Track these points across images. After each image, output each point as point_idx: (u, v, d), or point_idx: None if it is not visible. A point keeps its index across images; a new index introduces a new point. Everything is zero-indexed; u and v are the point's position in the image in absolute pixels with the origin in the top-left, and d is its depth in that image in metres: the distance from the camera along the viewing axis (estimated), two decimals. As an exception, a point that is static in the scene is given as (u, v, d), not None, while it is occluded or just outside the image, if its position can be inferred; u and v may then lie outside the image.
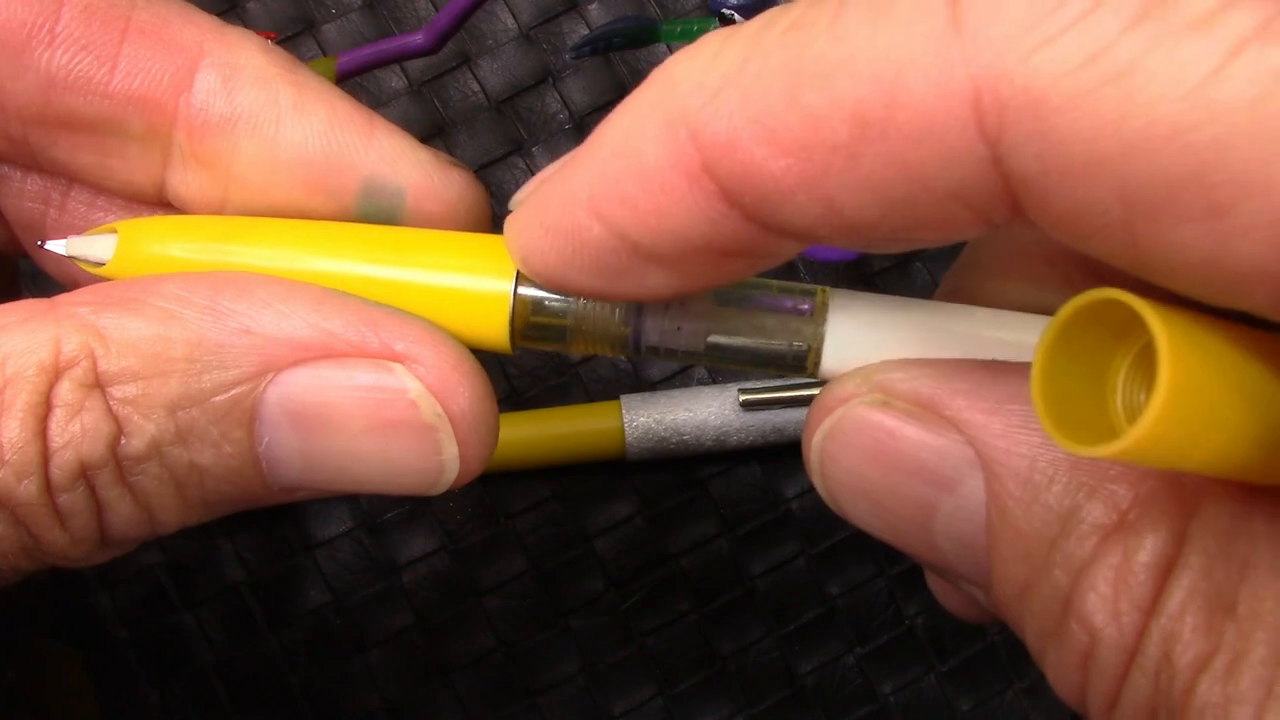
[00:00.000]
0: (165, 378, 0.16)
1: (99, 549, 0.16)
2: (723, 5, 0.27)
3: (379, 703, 0.30)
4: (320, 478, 0.17)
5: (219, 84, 0.18)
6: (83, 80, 0.17)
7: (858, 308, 0.17)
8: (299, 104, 0.18)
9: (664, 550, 0.31)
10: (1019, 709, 0.31)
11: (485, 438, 0.17)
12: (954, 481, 0.16)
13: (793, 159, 0.13)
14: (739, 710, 0.30)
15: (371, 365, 0.16)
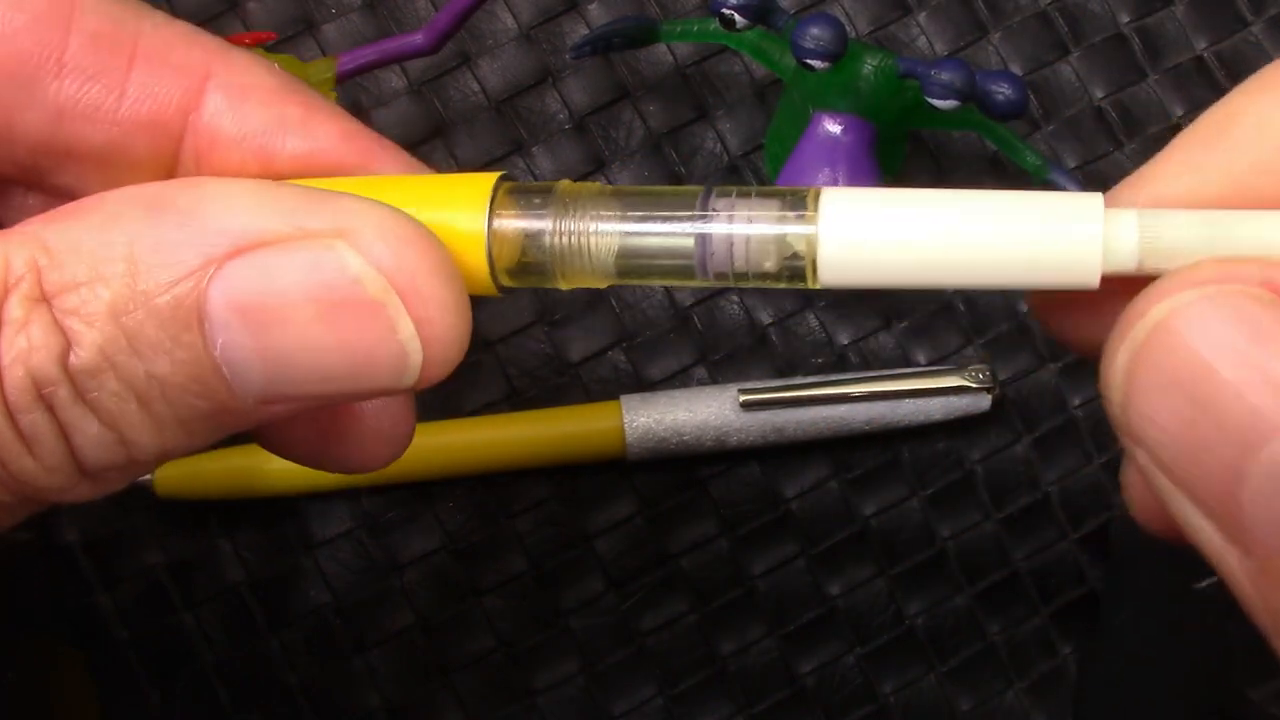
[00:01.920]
0: (105, 282, 0.15)
1: (78, 479, 0.16)
2: (723, 5, 0.27)
3: (379, 703, 0.30)
4: (285, 380, 0.16)
5: (226, 104, 0.18)
6: (91, 109, 0.17)
7: (855, 207, 0.16)
8: (308, 121, 0.18)
9: (664, 550, 0.31)
10: (1019, 709, 0.31)
11: (447, 312, 0.16)
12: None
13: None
14: (739, 710, 0.30)
15: (310, 245, 0.15)
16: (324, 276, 0.15)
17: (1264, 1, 0.34)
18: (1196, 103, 0.33)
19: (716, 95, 0.33)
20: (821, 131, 0.27)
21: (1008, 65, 0.33)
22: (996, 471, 0.32)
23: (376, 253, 0.15)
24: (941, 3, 0.33)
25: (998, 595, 0.31)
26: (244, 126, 0.18)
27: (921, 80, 0.26)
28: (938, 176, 0.33)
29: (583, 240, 0.16)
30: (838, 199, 0.16)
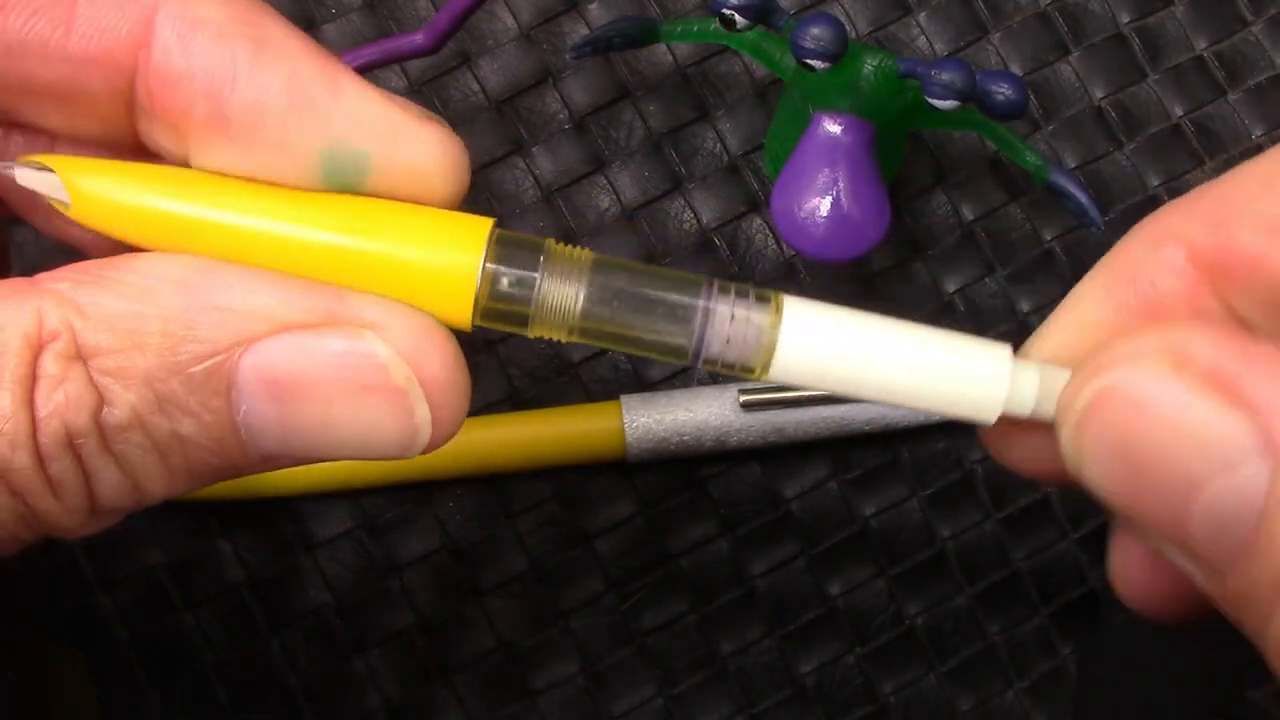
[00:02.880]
0: (142, 350, 0.16)
1: (90, 519, 0.17)
2: (723, 5, 0.27)
3: (379, 703, 0.30)
4: (298, 444, 0.17)
5: (175, 40, 0.17)
6: (39, 44, 0.17)
7: (811, 317, 0.18)
8: (257, 62, 0.17)
9: (664, 550, 0.31)
10: (1019, 709, 0.31)
11: (457, 400, 0.17)
12: (1233, 464, 0.15)
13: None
14: (739, 710, 0.30)
15: (342, 332, 0.17)
16: (354, 361, 0.17)
17: (1264, 1, 0.34)
18: (1196, 102, 0.33)
19: (716, 95, 0.33)
20: (821, 131, 0.27)
21: (1008, 65, 0.33)
22: (996, 471, 0.32)
23: (404, 344, 0.17)
24: (941, 3, 0.33)
25: (998, 595, 0.31)
26: (192, 64, 0.17)
27: (921, 80, 0.26)
28: (938, 176, 0.33)
29: (560, 302, 0.18)
30: (799, 310, 0.18)
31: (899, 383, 0.18)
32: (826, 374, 0.18)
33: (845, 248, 0.28)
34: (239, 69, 0.17)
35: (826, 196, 0.27)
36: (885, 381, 0.18)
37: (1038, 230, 0.33)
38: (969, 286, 0.32)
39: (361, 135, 0.17)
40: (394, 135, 0.18)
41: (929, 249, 0.32)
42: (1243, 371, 0.15)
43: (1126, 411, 0.16)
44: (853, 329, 0.18)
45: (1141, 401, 0.16)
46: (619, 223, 0.32)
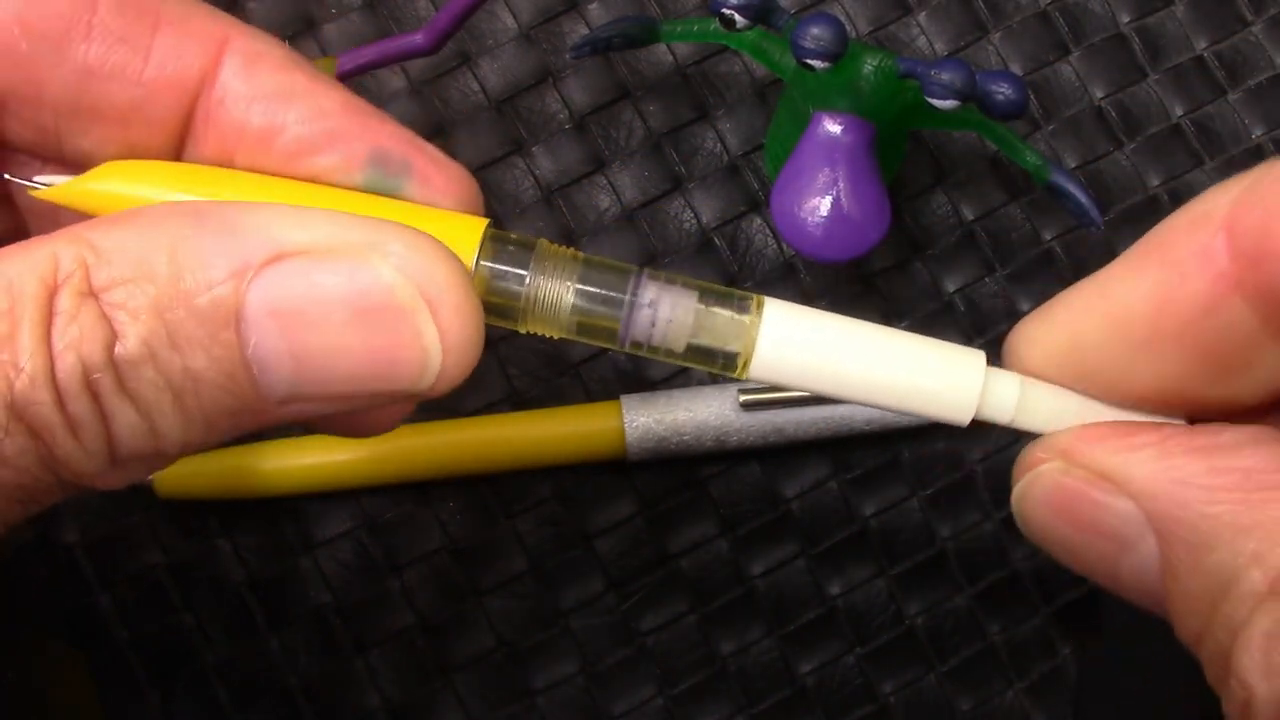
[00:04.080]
0: (150, 280, 0.16)
1: (111, 465, 0.17)
2: (723, 5, 0.27)
3: (379, 703, 0.30)
4: (311, 379, 0.17)
5: (240, 69, 0.19)
6: (118, 70, 0.18)
7: (791, 319, 0.19)
8: (313, 88, 0.19)
9: (664, 550, 0.31)
10: (1019, 709, 0.31)
11: (466, 323, 0.17)
12: (1133, 540, 0.17)
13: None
14: (739, 710, 0.30)
15: (347, 256, 0.17)
16: (358, 284, 0.17)
17: (1264, 1, 0.34)
18: (1196, 102, 0.33)
19: (716, 95, 0.33)
20: (821, 131, 0.27)
21: (1008, 65, 0.33)
22: (996, 471, 0.32)
23: (408, 265, 0.17)
24: (941, 3, 0.33)
25: (998, 595, 0.31)
26: (254, 90, 0.19)
27: (921, 80, 0.26)
28: (938, 176, 0.33)
29: (550, 299, 0.19)
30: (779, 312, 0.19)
31: (877, 384, 0.19)
32: (804, 374, 0.19)
33: (845, 248, 0.28)
34: (298, 91, 0.19)
35: (826, 196, 0.27)
36: (863, 383, 0.19)
37: (1038, 230, 0.33)
38: (969, 286, 0.32)
39: (406, 149, 0.19)
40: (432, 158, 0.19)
41: (929, 249, 0.32)
42: (1121, 463, 0.17)
43: (1042, 510, 0.19)
44: (831, 331, 0.19)
45: (1049, 500, 0.18)
46: (619, 223, 0.32)
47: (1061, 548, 0.19)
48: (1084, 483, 0.18)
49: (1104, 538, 0.18)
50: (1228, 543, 0.16)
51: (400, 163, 0.19)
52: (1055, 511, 0.18)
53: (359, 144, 0.19)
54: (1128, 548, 0.17)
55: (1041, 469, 0.19)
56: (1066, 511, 0.18)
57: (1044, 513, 0.19)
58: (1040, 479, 0.19)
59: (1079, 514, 0.18)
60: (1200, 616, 0.16)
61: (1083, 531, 0.18)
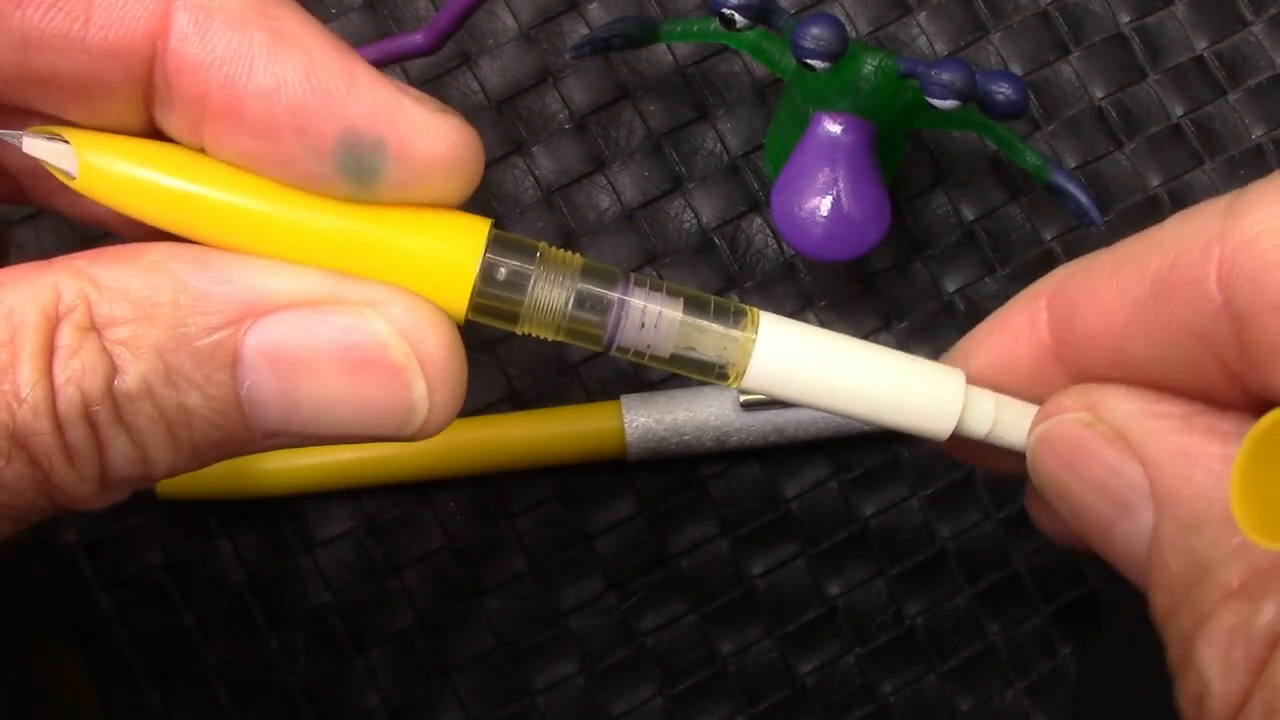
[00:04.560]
0: (153, 322, 0.17)
1: (100, 490, 0.18)
2: (723, 5, 0.27)
3: (379, 703, 0.30)
4: (300, 421, 0.18)
5: (192, 28, 0.17)
6: (58, 37, 0.17)
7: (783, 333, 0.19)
8: (273, 50, 0.17)
9: (664, 550, 0.31)
10: (1019, 709, 0.31)
11: (454, 382, 0.18)
12: (1132, 507, 0.18)
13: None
14: (739, 710, 0.30)
15: (344, 310, 0.17)
16: (354, 338, 0.17)
17: (1264, 1, 0.34)
18: (1196, 102, 0.33)
19: (716, 95, 0.33)
20: (821, 131, 0.27)
21: (1008, 65, 0.33)
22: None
23: (403, 323, 0.18)
24: (941, 3, 0.33)
25: (998, 595, 0.31)
26: (209, 52, 0.17)
27: (921, 80, 0.26)
28: (938, 176, 0.33)
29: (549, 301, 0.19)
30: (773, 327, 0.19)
31: (864, 399, 0.20)
32: (794, 386, 0.20)
33: (845, 248, 0.28)
34: (255, 56, 0.17)
35: (826, 196, 0.27)
36: (851, 397, 0.20)
37: (1038, 230, 0.33)
38: (969, 286, 0.32)
39: (378, 123, 0.18)
40: (410, 124, 0.18)
41: (929, 249, 0.32)
42: (1141, 427, 0.18)
43: (1054, 458, 0.19)
44: (822, 347, 0.20)
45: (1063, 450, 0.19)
46: (619, 223, 0.32)
47: (1063, 498, 0.19)
48: (1102, 439, 0.18)
49: (1107, 498, 0.18)
50: (1216, 530, 0.16)
51: (373, 142, 0.17)
52: (1066, 461, 0.19)
53: (325, 123, 0.17)
54: (1127, 512, 0.18)
55: (1065, 416, 0.19)
56: (1078, 464, 0.18)
57: (1055, 460, 0.19)
58: (1060, 426, 0.19)
59: (1089, 469, 0.18)
60: (1173, 596, 0.16)
61: (1088, 487, 0.18)
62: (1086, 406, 0.18)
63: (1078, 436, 0.18)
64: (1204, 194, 0.33)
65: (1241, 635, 0.15)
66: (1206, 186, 0.33)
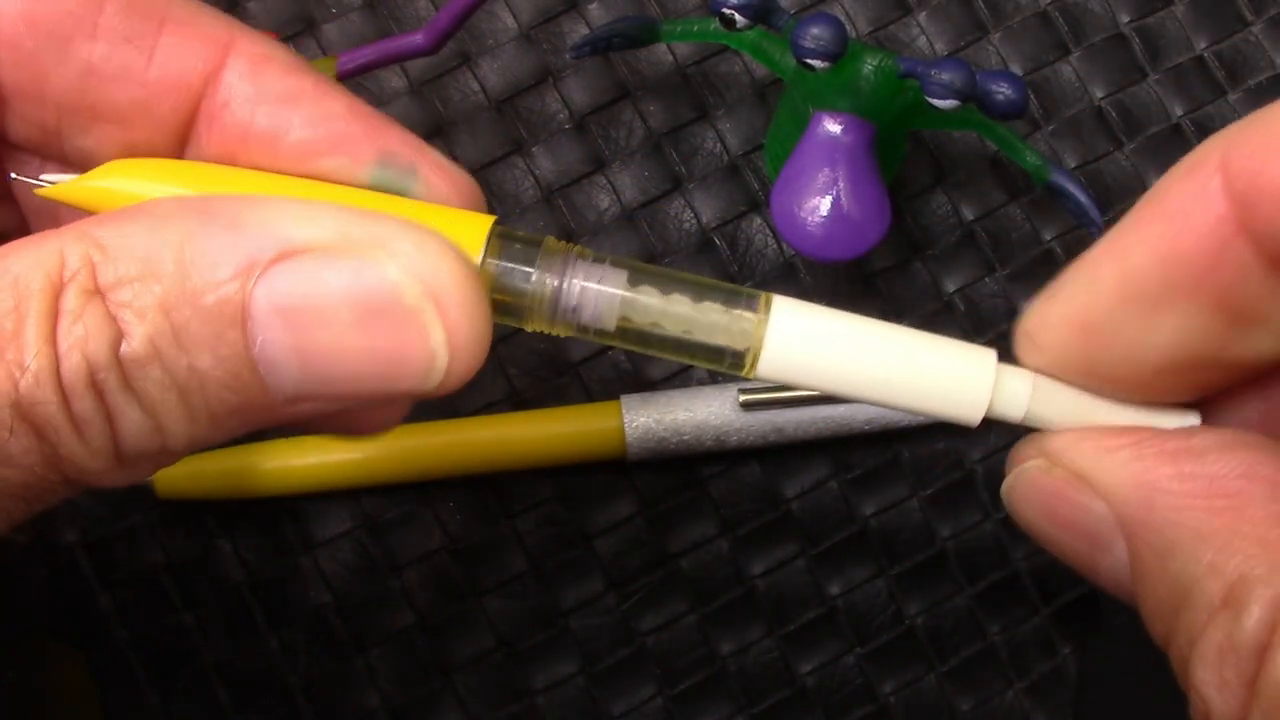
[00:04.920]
0: (157, 279, 0.16)
1: (116, 464, 0.17)
2: (723, 5, 0.27)
3: (379, 703, 0.30)
4: (317, 378, 0.17)
5: (248, 69, 0.19)
6: (121, 70, 0.18)
7: (799, 317, 0.19)
8: (321, 92, 0.19)
9: (664, 550, 0.31)
10: (1019, 709, 0.31)
11: (474, 323, 0.17)
12: (1106, 542, 0.18)
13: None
14: (739, 710, 0.30)
15: (354, 255, 0.17)
16: (365, 283, 0.17)
17: (1264, 1, 0.34)
18: (1196, 102, 0.33)
19: (716, 95, 0.33)
20: (821, 131, 0.27)
21: (1008, 65, 0.33)
22: (996, 472, 0.32)
23: (415, 264, 0.17)
24: (941, 3, 0.33)
25: (998, 595, 0.31)
26: (260, 93, 0.19)
27: (921, 80, 0.26)
28: (938, 176, 0.33)
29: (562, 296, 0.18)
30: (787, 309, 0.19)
31: (886, 383, 0.19)
32: (813, 372, 0.19)
33: (845, 248, 0.28)
34: (305, 95, 0.19)
35: (826, 196, 0.27)
36: (873, 381, 0.19)
37: (1038, 230, 0.33)
38: (969, 286, 0.32)
39: (412, 153, 0.19)
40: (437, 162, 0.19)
41: (929, 249, 0.32)
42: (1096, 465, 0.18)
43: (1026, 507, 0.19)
44: (840, 329, 0.19)
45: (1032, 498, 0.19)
46: (619, 223, 0.32)
47: (1046, 542, 0.19)
48: (1062, 482, 0.18)
49: (1081, 537, 0.18)
50: (1188, 550, 0.16)
51: (406, 165, 0.19)
52: (1037, 509, 0.19)
53: (366, 147, 0.19)
54: (1103, 548, 0.18)
55: (1026, 465, 0.19)
56: (1047, 509, 0.19)
57: (1027, 509, 0.19)
58: (1024, 475, 0.19)
59: (1058, 512, 0.18)
60: (1166, 622, 0.16)
61: (1062, 530, 0.18)
62: (1042, 454, 0.19)
63: (1041, 483, 0.19)
64: (1204, 194, 0.33)
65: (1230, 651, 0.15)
66: (1206, 186, 0.33)
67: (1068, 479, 0.18)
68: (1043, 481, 0.19)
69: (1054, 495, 0.18)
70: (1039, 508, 0.19)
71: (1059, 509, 0.18)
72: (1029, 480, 0.19)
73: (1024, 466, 0.19)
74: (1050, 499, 0.18)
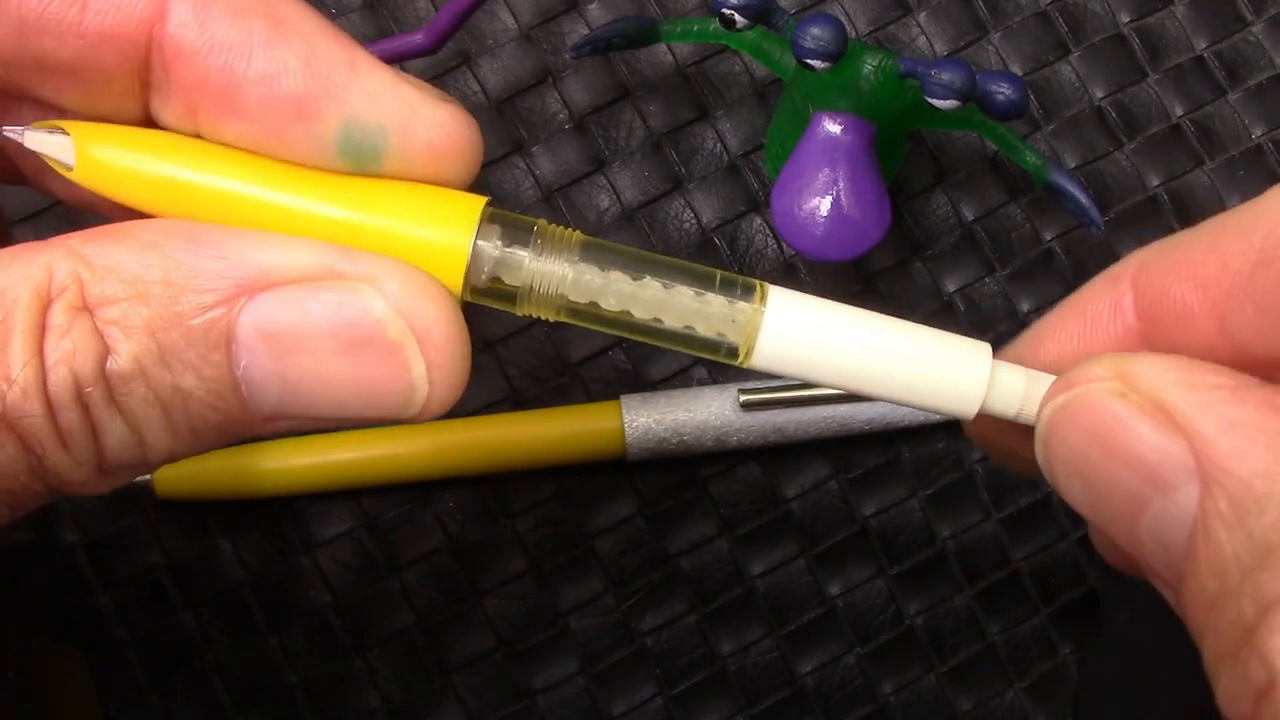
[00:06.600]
0: (145, 300, 0.16)
1: (98, 475, 0.17)
2: (723, 5, 0.27)
3: (379, 703, 0.30)
4: (298, 402, 0.17)
5: (190, 14, 0.17)
6: (54, 22, 0.17)
7: (795, 307, 0.18)
8: (273, 38, 0.17)
9: (664, 550, 0.31)
10: (1019, 709, 0.31)
11: (455, 357, 0.17)
12: (1170, 485, 0.16)
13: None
14: (739, 710, 0.30)
15: (338, 287, 0.17)
16: (349, 315, 0.17)
17: (1264, 1, 0.34)
18: (1196, 102, 0.33)
19: (716, 95, 0.33)
20: (821, 131, 0.27)
21: (1008, 65, 0.33)
22: (996, 471, 0.32)
23: (399, 299, 0.17)
24: (941, 3, 0.33)
25: (998, 595, 0.31)
26: (206, 40, 0.17)
27: (921, 80, 0.26)
28: (938, 176, 0.33)
29: (549, 281, 0.18)
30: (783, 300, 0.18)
31: (881, 375, 0.18)
32: (808, 363, 0.18)
33: (845, 248, 0.28)
34: (255, 43, 0.17)
35: (826, 196, 0.27)
36: (867, 373, 0.18)
37: (1038, 230, 0.33)
38: (969, 286, 0.32)
39: (379, 112, 0.18)
40: (411, 113, 0.18)
41: (929, 249, 0.32)
42: (1185, 398, 0.16)
43: (1078, 431, 0.17)
44: (836, 320, 0.18)
45: (1090, 422, 0.17)
46: (619, 223, 0.32)
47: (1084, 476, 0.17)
48: (1137, 410, 0.16)
49: (1140, 476, 0.16)
50: (1279, 508, 0.15)
51: (374, 129, 0.18)
52: (1093, 435, 0.17)
53: (328, 109, 0.18)
54: (1164, 491, 0.16)
55: (1093, 385, 0.17)
56: (1107, 437, 0.17)
57: (1079, 434, 0.17)
58: (1087, 396, 0.17)
59: (1120, 444, 0.16)
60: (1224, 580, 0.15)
61: (1117, 464, 0.16)
62: (1119, 375, 0.17)
63: (1108, 408, 0.17)
64: (1204, 194, 0.33)
65: None
66: (1206, 186, 0.33)
67: (1145, 408, 0.16)
68: (1111, 406, 0.17)
69: (1121, 423, 0.16)
70: (1095, 433, 0.17)
71: (1122, 439, 0.16)
72: (1093, 401, 0.17)
73: (1090, 386, 0.17)
74: (1114, 426, 0.16)
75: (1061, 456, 0.17)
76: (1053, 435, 0.18)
